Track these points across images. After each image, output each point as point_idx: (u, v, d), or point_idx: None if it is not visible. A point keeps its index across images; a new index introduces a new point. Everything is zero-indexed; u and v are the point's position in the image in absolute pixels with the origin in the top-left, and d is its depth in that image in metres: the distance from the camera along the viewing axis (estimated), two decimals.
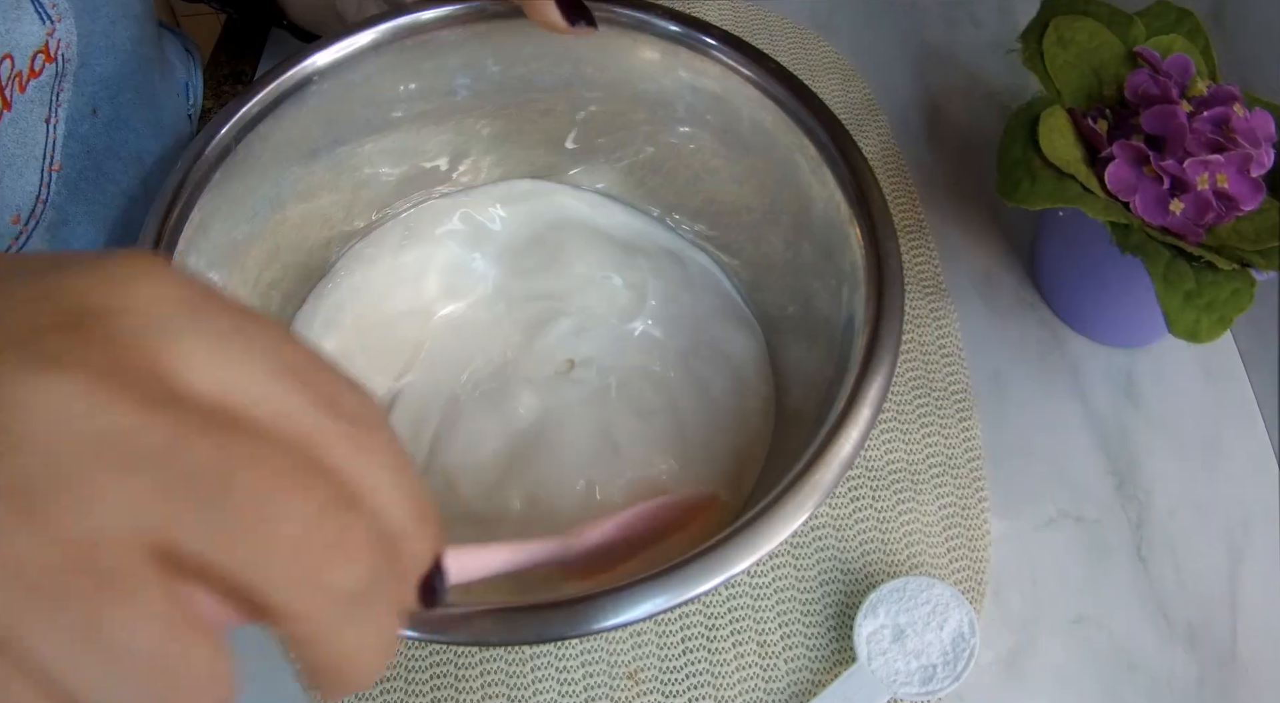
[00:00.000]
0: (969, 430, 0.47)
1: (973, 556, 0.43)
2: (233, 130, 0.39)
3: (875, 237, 0.37)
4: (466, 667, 0.40)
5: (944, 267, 0.52)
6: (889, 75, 0.59)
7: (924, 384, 0.48)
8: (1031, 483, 0.46)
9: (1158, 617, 0.42)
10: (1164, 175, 0.40)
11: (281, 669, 0.41)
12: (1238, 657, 0.42)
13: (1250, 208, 0.39)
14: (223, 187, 0.39)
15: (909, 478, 0.45)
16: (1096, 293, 0.48)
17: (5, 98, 0.35)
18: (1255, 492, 0.46)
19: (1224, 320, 0.38)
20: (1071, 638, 0.42)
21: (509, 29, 0.43)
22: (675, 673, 0.40)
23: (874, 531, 0.44)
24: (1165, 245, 0.39)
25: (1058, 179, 0.41)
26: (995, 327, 0.50)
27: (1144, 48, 0.44)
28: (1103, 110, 0.43)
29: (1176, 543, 0.44)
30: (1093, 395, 0.48)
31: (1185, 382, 0.49)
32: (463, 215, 0.49)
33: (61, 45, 0.37)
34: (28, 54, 0.35)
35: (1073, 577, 0.43)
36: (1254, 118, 0.40)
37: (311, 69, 0.41)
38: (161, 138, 0.49)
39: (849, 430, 0.32)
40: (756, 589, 0.42)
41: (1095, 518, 0.45)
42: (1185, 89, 0.42)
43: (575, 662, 0.41)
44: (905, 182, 0.55)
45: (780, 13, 0.62)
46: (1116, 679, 0.41)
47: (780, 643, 0.41)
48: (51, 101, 0.38)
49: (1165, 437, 0.47)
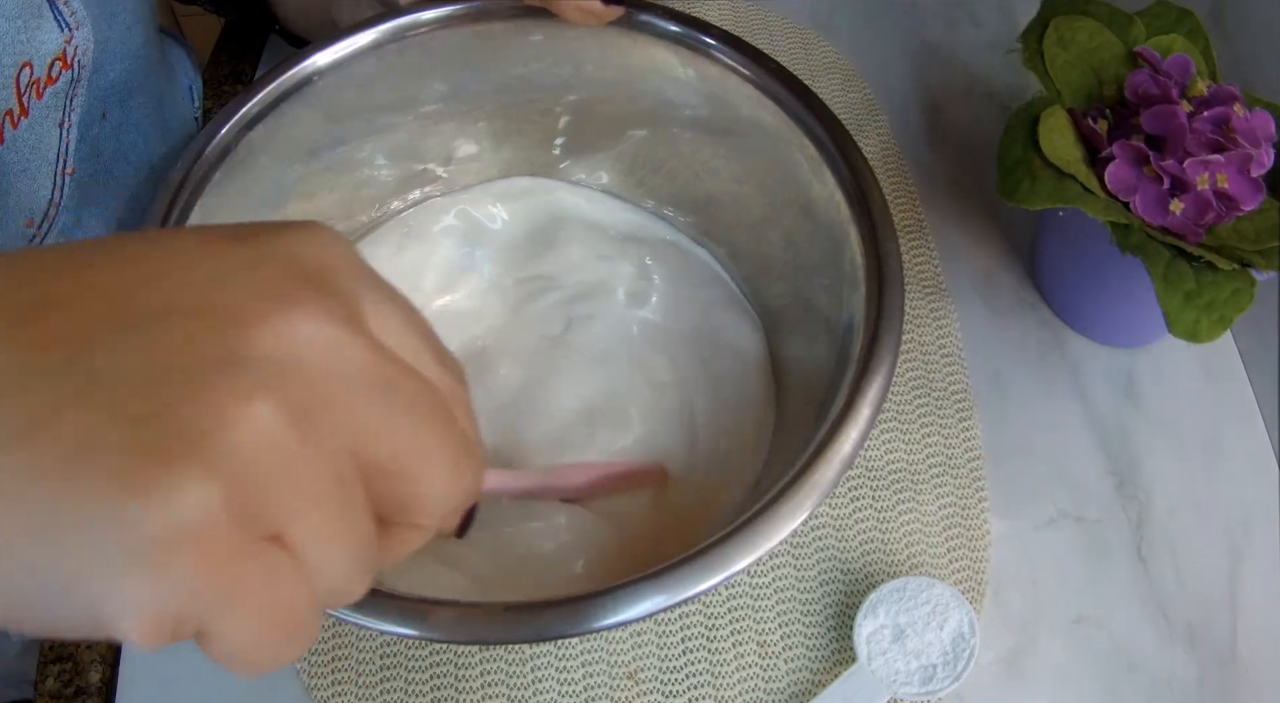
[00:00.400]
0: (969, 430, 0.47)
1: (973, 556, 0.43)
2: (233, 130, 0.39)
3: (875, 236, 0.37)
4: (466, 667, 0.40)
5: (944, 267, 0.52)
6: (889, 75, 0.59)
7: (924, 384, 0.48)
8: (1031, 483, 0.46)
9: (1158, 617, 0.42)
10: (1164, 175, 0.40)
11: (283, 671, 0.41)
12: (1238, 657, 0.42)
13: (1250, 208, 0.39)
14: (224, 186, 0.39)
15: (909, 478, 0.45)
16: (1096, 293, 0.48)
17: (23, 105, 0.35)
18: (1255, 492, 0.46)
19: (1224, 320, 0.38)
20: (1071, 638, 0.42)
21: (509, 29, 0.43)
22: (675, 673, 0.40)
23: (874, 530, 0.44)
24: (1165, 245, 0.39)
25: (1058, 179, 0.41)
26: (995, 327, 0.50)
27: (1144, 48, 0.44)
28: (1103, 110, 0.43)
29: (1176, 543, 0.44)
30: (1093, 395, 0.48)
31: (1185, 382, 0.49)
32: (461, 213, 0.49)
33: (79, 52, 0.37)
34: (46, 61, 0.35)
35: (1073, 577, 0.43)
36: (1254, 118, 0.40)
37: (312, 69, 0.41)
38: (168, 140, 0.49)
39: (849, 429, 0.32)
40: (756, 589, 0.42)
41: (1095, 518, 0.45)
42: (1185, 89, 0.42)
43: (575, 662, 0.41)
44: (905, 181, 0.55)
45: (780, 13, 0.62)
46: (1116, 679, 0.41)
47: (780, 643, 0.41)
48: (65, 107, 0.38)
49: (1165, 437, 0.47)
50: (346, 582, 0.18)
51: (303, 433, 0.16)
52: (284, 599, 0.17)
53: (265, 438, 0.16)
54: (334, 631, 0.41)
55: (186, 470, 0.15)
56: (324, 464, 0.17)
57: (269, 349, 0.17)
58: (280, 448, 0.16)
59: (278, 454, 0.16)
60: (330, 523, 0.17)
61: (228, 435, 0.16)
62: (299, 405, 0.17)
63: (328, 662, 0.40)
